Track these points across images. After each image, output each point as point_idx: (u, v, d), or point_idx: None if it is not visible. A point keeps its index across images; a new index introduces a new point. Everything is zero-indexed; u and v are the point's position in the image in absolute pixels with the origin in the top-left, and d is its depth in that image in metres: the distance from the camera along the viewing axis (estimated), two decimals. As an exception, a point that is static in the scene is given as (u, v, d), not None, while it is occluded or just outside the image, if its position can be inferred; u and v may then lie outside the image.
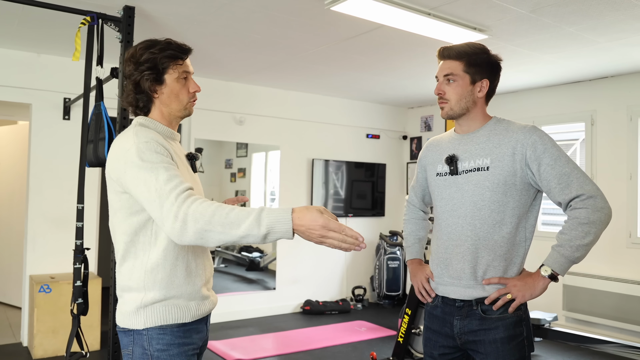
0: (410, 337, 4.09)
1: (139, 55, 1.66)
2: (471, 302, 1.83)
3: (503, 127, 1.85)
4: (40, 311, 4.20)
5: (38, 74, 4.61)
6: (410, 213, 2.22)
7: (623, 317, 4.73)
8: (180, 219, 1.39)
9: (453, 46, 1.90)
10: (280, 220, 1.36)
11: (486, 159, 1.81)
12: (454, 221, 1.86)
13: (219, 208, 1.39)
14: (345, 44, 4.19)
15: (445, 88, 1.87)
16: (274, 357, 4.45)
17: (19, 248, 5.50)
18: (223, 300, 5.58)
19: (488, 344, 1.79)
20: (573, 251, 1.71)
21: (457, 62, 1.86)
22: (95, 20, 2.99)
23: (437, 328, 1.93)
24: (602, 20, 3.46)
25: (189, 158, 1.79)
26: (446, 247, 1.88)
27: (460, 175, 1.86)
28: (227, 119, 5.70)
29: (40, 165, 4.62)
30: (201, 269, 1.67)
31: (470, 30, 3.64)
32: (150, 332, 1.58)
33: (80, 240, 2.87)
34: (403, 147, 7.20)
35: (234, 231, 1.36)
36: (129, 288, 1.62)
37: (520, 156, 1.77)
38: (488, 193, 1.78)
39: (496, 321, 1.79)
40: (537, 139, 1.76)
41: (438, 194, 1.94)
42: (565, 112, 5.38)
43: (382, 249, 6.57)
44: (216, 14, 3.54)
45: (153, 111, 1.72)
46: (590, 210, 1.70)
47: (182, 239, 1.40)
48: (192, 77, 1.75)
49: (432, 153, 2.03)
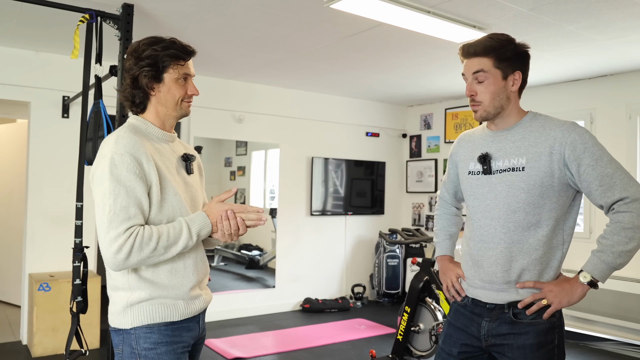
0: (409, 334, 4.10)
1: (141, 50, 1.65)
2: (503, 306, 1.75)
3: (540, 123, 1.74)
4: (39, 309, 4.21)
5: (37, 72, 4.60)
6: (442, 208, 2.13)
7: (622, 315, 4.73)
8: (125, 252, 1.49)
9: (477, 42, 1.75)
10: (204, 226, 1.63)
11: (522, 158, 1.71)
12: (486, 222, 1.77)
13: (158, 234, 1.54)
14: (345, 42, 4.18)
15: (476, 88, 1.74)
16: (274, 355, 4.46)
17: (18, 246, 5.49)
18: (223, 298, 5.58)
19: (516, 349, 1.71)
20: (615, 257, 1.61)
21: (486, 58, 1.72)
22: (94, 18, 2.98)
23: (462, 326, 1.85)
24: (601, 19, 3.46)
25: (184, 159, 1.76)
26: (478, 249, 1.80)
27: (493, 174, 1.77)
28: (227, 117, 5.69)
29: (39, 163, 4.62)
30: (191, 269, 1.66)
31: (469, 28, 3.64)
32: (138, 331, 1.59)
33: (79, 238, 2.87)
34: (402, 145, 7.20)
35: (174, 249, 1.57)
36: (116, 287, 1.63)
37: (558, 156, 1.66)
38: (523, 195, 1.69)
39: (527, 326, 1.71)
40: (577, 137, 1.64)
41: (470, 193, 1.85)
42: (565, 110, 5.38)
43: (382, 247, 6.57)
44: (215, 12, 3.54)
45: (149, 109, 1.72)
46: (635, 214, 1.60)
47: (121, 268, 1.52)
48: (192, 80, 1.74)
49: (463, 149, 1.93)
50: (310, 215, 6.28)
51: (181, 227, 1.58)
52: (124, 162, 1.53)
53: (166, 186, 1.62)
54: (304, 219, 6.26)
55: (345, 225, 6.62)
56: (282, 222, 6.06)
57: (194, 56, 1.73)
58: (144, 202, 1.55)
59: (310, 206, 6.27)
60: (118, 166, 1.53)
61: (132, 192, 1.53)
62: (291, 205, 6.15)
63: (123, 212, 1.51)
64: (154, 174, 1.58)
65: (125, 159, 1.53)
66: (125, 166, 1.53)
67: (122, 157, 1.53)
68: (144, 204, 1.55)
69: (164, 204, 1.61)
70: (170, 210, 1.62)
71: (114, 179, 1.52)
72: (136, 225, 1.52)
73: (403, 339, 4.07)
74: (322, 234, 6.40)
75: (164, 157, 1.67)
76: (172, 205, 1.62)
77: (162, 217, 1.61)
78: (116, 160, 1.53)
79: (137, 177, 1.53)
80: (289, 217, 6.12)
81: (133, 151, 1.55)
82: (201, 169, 1.92)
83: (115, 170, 1.53)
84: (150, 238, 1.52)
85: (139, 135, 1.62)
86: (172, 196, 1.63)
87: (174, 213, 1.63)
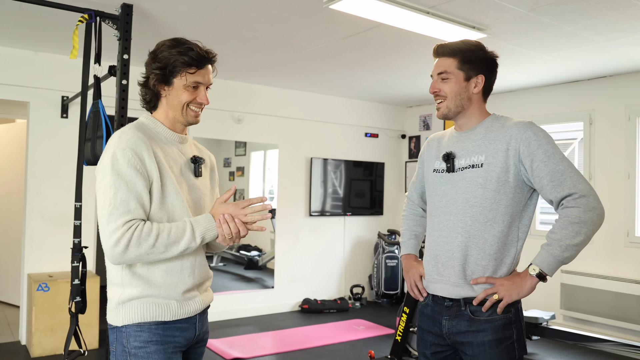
0: (408, 335, 4.10)
1: (160, 51, 1.66)
2: (459, 302, 1.79)
3: (500, 123, 1.82)
4: (38, 310, 4.20)
5: (36, 72, 4.59)
6: (408, 209, 2.19)
7: (620, 316, 4.73)
8: (123, 245, 1.50)
9: (448, 44, 1.88)
10: (210, 229, 1.62)
11: (481, 155, 1.78)
12: (446, 218, 1.83)
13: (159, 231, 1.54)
14: (344, 43, 4.18)
15: (439, 85, 1.87)
16: (273, 355, 4.45)
17: (17, 246, 5.49)
18: (221, 298, 5.58)
19: (476, 346, 1.76)
20: (562, 251, 1.66)
21: (451, 59, 1.84)
22: (93, 18, 2.98)
23: (428, 327, 1.91)
24: (600, 20, 3.47)
25: (193, 161, 1.77)
26: (437, 244, 1.85)
27: (456, 172, 1.84)
28: (226, 118, 5.69)
29: (38, 163, 4.61)
30: (187, 272, 1.65)
31: (469, 29, 3.64)
32: (129, 329, 1.59)
33: (78, 238, 2.87)
34: (401, 146, 7.20)
35: (175, 248, 1.56)
36: (111, 283, 1.65)
37: (513, 151, 1.73)
38: (480, 190, 1.75)
39: (484, 323, 1.75)
40: (532, 134, 1.72)
41: (433, 190, 1.91)
42: (564, 111, 5.38)
43: (381, 248, 6.57)
44: (214, 12, 3.54)
45: (159, 109, 1.73)
46: (582, 209, 1.65)
47: (119, 261, 1.52)
48: (204, 88, 1.72)
49: (431, 149, 2.00)
50: (309, 215, 6.28)
51: (184, 228, 1.58)
52: (125, 156, 1.55)
53: (167, 184, 1.62)
54: (302, 219, 6.25)
55: (344, 226, 6.62)
56: (281, 223, 6.06)
57: (211, 64, 1.71)
58: (145, 197, 1.56)
59: (309, 207, 6.26)
60: (119, 160, 1.54)
61: (133, 187, 1.54)
62: (290, 206, 6.15)
63: (123, 205, 1.52)
64: (155, 170, 1.58)
65: (126, 154, 1.55)
66: (127, 160, 1.54)
67: (123, 152, 1.55)
68: (144, 199, 1.56)
69: (164, 201, 1.61)
70: (170, 209, 1.62)
71: (115, 172, 1.53)
72: (136, 219, 1.53)
73: (402, 340, 4.07)
74: (321, 234, 6.40)
75: (169, 157, 1.67)
76: (172, 204, 1.62)
77: (162, 214, 1.61)
78: (118, 155, 1.55)
79: (137, 172, 1.55)
80: (287, 218, 6.11)
81: (135, 146, 1.57)
82: (214, 171, 1.93)
83: (116, 164, 1.54)
84: (149, 234, 1.52)
85: (144, 133, 1.63)
86: (173, 195, 1.63)
87: (174, 212, 1.62)
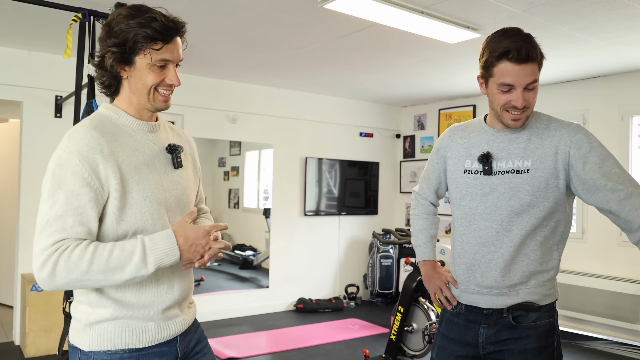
0: (402, 334, 4.10)
1: (116, 22, 1.36)
2: (502, 310, 1.69)
3: (544, 124, 1.71)
4: (32, 310, 4.18)
5: (29, 72, 4.57)
6: (420, 207, 2.01)
7: (614, 315, 4.76)
8: (49, 270, 1.24)
9: (529, 44, 1.58)
10: (168, 254, 1.32)
11: (527, 160, 1.66)
12: (486, 225, 1.70)
13: (95, 254, 1.26)
14: (339, 42, 4.18)
15: (529, 97, 1.62)
16: (267, 355, 4.45)
17: (10, 246, 5.46)
18: (216, 298, 5.57)
19: (517, 354, 1.66)
20: None
21: (536, 63, 1.60)
22: (87, 17, 2.97)
23: (457, 336, 1.77)
24: (594, 20, 3.48)
25: (169, 151, 1.48)
26: (475, 252, 1.72)
27: (494, 175, 1.69)
28: (220, 117, 5.69)
29: (32, 163, 4.59)
30: (165, 287, 1.42)
31: (463, 29, 3.65)
32: (97, 355, 1.36)
33: (71, 238, 2.85)
34: (396, 146, 7.21)
35: (118, 276, 1.28)
36: (77, 301, 1.42)
37: (563, 155, 1.63)
38: (527, 197, 1.64)
39: (528, 330, 1.66)
40: (583, 137, 1.63)
41: (467, 192, 1.75)
42: (558, 111, 5.40)
43: (375, 248, 6.58)
44: (209, 12, 3.53)
45: (121, 94, 1.44)
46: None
47: (48, 287, 1.27)
48: (174, 66, 1.43)
49: (456, 145, 1.82)
50: (304, 215, 6.28)
51: (133, 250, 1.29)
52: (70, 162, 1.29)
53: (131, 190, 1.35)
54: (297, 219, 6.25)
55: (338, 225, 6.62)
56: (275, 222, 6.06)
57: (180, 35, 1.43)
58: (90, 212, 1.29)
59: (304, 206, 6.26)
60: (63, 167, 1.29)
61: (74, 199, 1.28)
62: (285, 206, 6.14)
63: (58, 221, 1.27)
64: (114, 177, 1.32)
65: (72, 159, 1.29)
66: (72, 168, 1.28)
67: (69, 157, 1.29)
68: (88, 214, 1.29)
69: (126, 212, 1.34)
70: (138, 219, 1.36)
71: (55, 182, 1.29)
72: (69, 239, 1.27)
73: (396, 339, 4.07)
74: (315, 234, 6.40)
75: (138, 153, 1.40)
76: (140, 213, 1.36)
77: (123, 229, 1.35)
78: (62, 160, 1.30)
79: (83, 182, 1.28)
80: (282, 218, 6.11)
81: (85, 150, 1.30)
82: (195, 160, 1.64)
83: (58, 171, 1.29)
84: (80, 257, 1.25)
85: (101, 131, 1.36)
86: (139, 202, 1.36)
87: (144, 222, 1.37)
